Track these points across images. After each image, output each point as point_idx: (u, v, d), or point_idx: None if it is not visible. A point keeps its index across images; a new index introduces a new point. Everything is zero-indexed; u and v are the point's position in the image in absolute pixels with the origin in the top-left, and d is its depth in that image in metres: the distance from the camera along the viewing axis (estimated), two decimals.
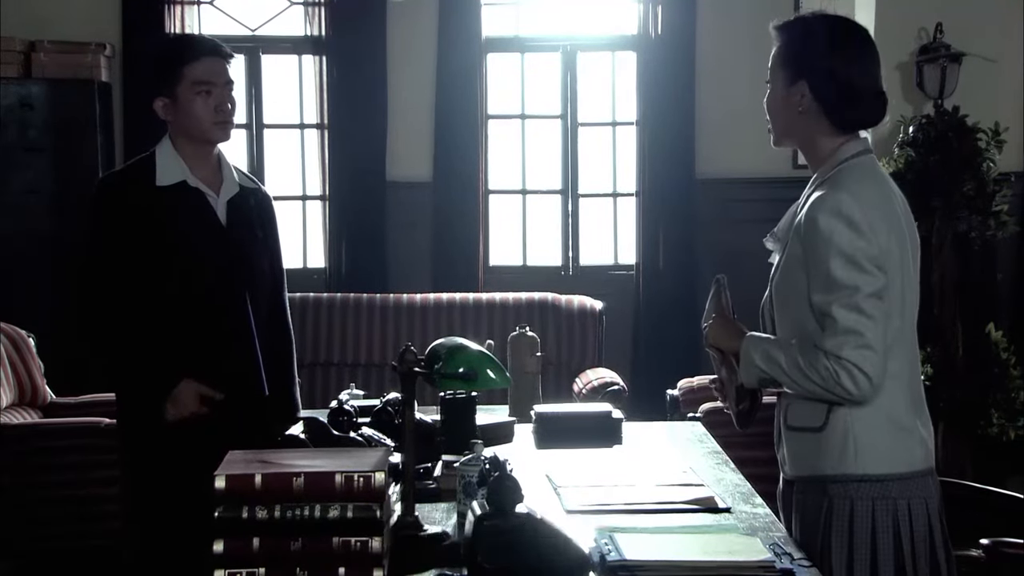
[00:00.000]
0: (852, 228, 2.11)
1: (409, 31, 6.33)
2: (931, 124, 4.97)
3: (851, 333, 2.10)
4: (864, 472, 2.19)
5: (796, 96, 2.22)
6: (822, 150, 2.25)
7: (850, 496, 2.20)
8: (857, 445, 2.18)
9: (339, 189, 6.32)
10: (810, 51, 2.22)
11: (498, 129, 6.57)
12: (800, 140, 2.29)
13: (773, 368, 2.21)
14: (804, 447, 2.26)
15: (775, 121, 2.30)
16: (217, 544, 1.86)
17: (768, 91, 2.30)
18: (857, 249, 2.11)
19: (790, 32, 2.26)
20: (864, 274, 2.12)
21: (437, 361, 2.30)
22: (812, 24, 2.27)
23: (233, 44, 6.31)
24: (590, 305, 5.80)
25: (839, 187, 2.16)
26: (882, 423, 2.19)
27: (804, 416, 2.24)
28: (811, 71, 2.21)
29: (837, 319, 2.11)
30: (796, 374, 2.17)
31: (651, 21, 6.31)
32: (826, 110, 2.22)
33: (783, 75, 2.24)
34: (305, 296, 5.94)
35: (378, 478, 1.92)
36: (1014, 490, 3.50)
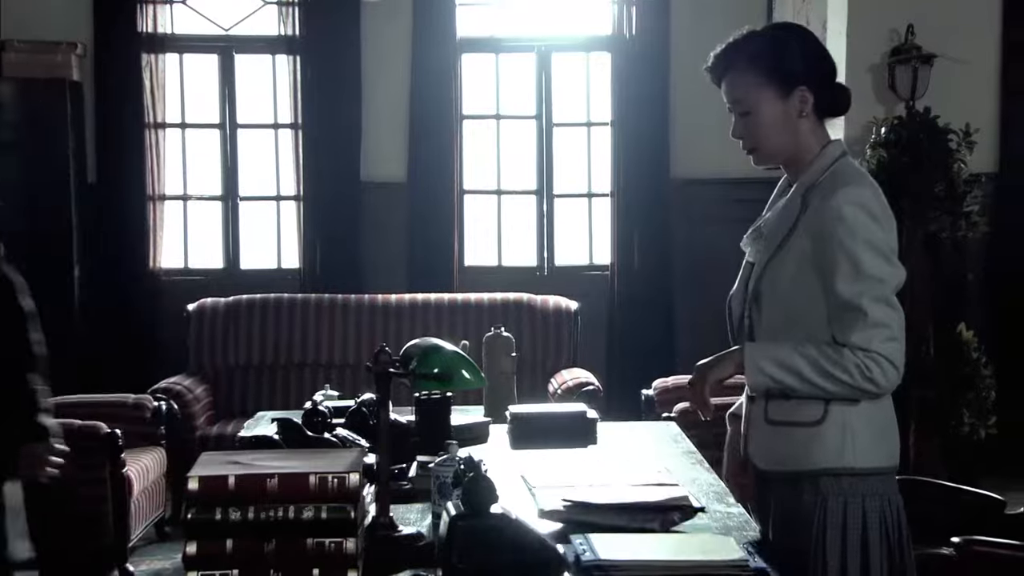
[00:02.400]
0: (876, 221, 2.14)
1: (383, 31, 6.32)
2: (903, 125, 5.00)
3: (880, 326, 2.11)
4: (862, 466, 2.19)
5: (796, 104, 2.22)
6: (807, 154, 2.25)
7: (843, 490, 2.19)
8: (855, 439, 2.17)
9: (313, 189, 6.30)
10: (795, 57, 2.22)
11: (473, 129, 6.58)
12: (790, 150, 2.27)
13: (787, 374, 2.17)
14: (794, 442, 2.21)
15: (769, 141, 2.26)
16: (190, 546, 1.85)
17: (740, 122, 2.26)
18: (883, 242, 2.14)
19: (759, 50, 2.22)
20: (891, 266, 2.15)
21: (412, 361, 2.30)
22: (776, 39, 2.26)
23: (206, 44, 6.45)
24: (565, 305, 5.81)
25: (853, 183, 2.17)
26: (875, 417, 2.20)
27: (795, 411, 2.20)
28: (808, 74, 2.22)
29: (868, 312, 2.11)
30: (818, 377, 2.14)
31: (625, 22, 6.33)
32: (820, 105, 2.24)
33: (772, 92, 2.22)
34: (279, 297, 5.93)
35: (352, 479, 1.91)
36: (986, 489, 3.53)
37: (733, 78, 2.25)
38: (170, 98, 6.41)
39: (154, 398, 5.12)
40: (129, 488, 4.52)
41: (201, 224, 6.57)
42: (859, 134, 5.21)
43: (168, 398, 5.22)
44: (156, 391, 5.30)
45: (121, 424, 4.60)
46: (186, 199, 6.53)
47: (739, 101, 2.25)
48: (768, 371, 2.18)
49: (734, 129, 2.29)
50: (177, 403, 5.27)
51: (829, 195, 2.15)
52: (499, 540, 1.94)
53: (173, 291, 6.24)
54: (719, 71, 2.27)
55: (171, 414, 5.16)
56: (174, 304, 6.03)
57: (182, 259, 6.52)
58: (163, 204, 6.35)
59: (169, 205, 6.43)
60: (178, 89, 6.49)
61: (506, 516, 1.99)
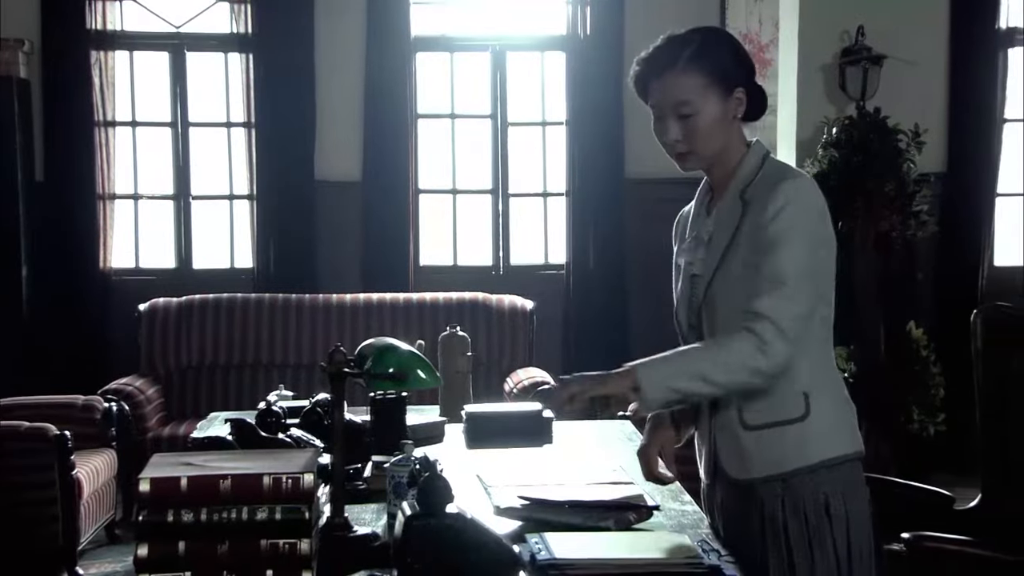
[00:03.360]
0: (816, 213, 2.14)
1: (337, 29, 6.29)
2: (853, 125, 5.05)
3: (792, 303, 2.10)
4: (856, 450, 2.20)
5: (734, 106, 2.20)
6: (733, 155, 2.23)
7: (843, 477, 2.17)
8: (835, 428, 2.19)
9: (267, 188, 6.26)
10: (737, 58, 2.22)
11: (428, 128, 6.56)
12: (723, 153, 2.23)
13: (694, 382, 2.11)
14: (783, 441, 2.16)
15: (707, 144, 2.20)
16: (141, 548, 1.83)
17: (677, 123, 2.19)
18: (821, 235, 2.15)
19: (701, 51, 2.17)
20: (821, 259, 2.15)
21: (367, 361, 2.29)
22: (718, 39, 2.24)
23: (157, 41, 6.39)
24: (521, 305, 5.81)
25: (791, 176, 2.16)
26: (842, 403, 2.22)
27: (772, 410, 2.16)
28: (745, 74, 2.22)
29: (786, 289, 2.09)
30: (718, 373, 2.10)
31: (580, 21, 6.35)
32: (753, 105, 2.23)
33: (716, 97, 2.18)
34: (232, 297, 5.89)
35: (307, 479, 1.90)
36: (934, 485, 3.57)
37: (673, 81, 2.17)
38: (120, 96, 6.34)
39: (104, 399, 5.07)
40: (79, 490, 4.47)
41: (152, 223, 6.50)
42: (810, 134, 5.26)
43: (119, 399, 5.18)
44: (107, 392, 5.26)
45: (71, 426, 4.56)
46: (137, 198, 6.47)
47: (682, 103, 2.17)
48: (665, 379, 2.11)
49: (667, 132, 2.20)
50: (128, 404, 5.23)
51: (770, 189, 2.13)
52: (454, 540, 1.93)
53: (124, 291, 6.18)
54: (649, 76, 2.20)
55: (122, 415, 5.11)
56: (125, 304, 5.97)
57: (133, 259, 6.46)
58: (113, 203, 6.29)
59: (119, 204, 6.36)
60: (128, 87, 6.42)
61: (461, 515, 1.98)
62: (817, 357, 2.18)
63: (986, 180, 6.19)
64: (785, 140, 5.51)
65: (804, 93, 5.33)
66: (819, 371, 2.18)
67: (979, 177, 6.14)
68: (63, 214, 6.14)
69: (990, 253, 6.30)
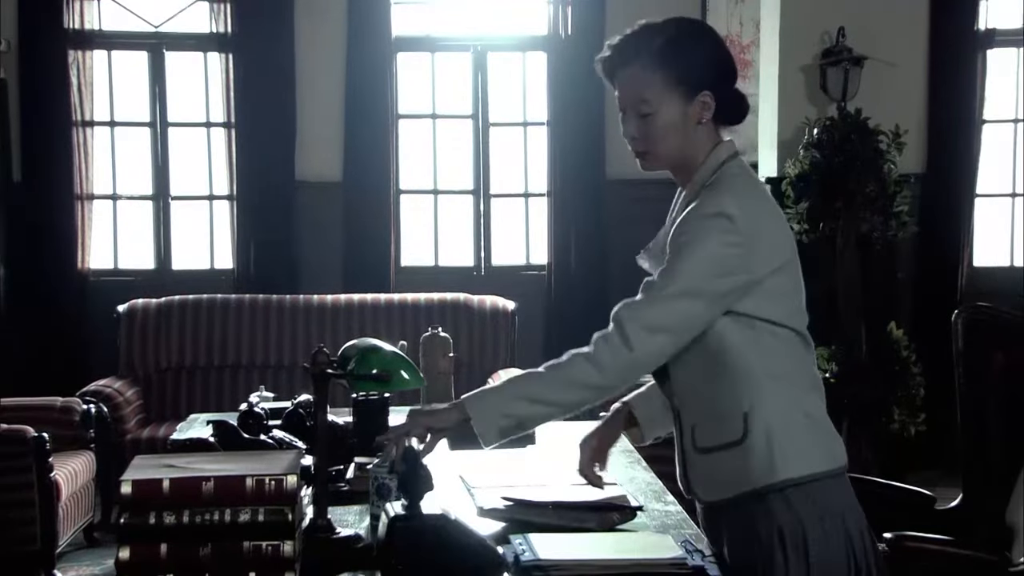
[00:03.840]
0: (731, 234, 1.99)
1: (318, 29, 6.28)
2: (835, 126, 5.06)
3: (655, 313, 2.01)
4: (800, 474, 2.02)
5: (698, 109, 2.07)
6: (698, 158, 2.10)
7: (794, 506, 2.02)
8: (783, 447, 2.02)
9: (247, 189, 6.23)
10: (707, 61, 2.08)
11: (409, 129, 6.55)
12: (683, 156, 2.11)
13: (528, 406, 2.03)
14: (726, 465, 2.06)
15: (664, 146, 2.09)
16: (123, 551, 1.82)
17: (636, 122, 2.08)
18: (726, 256, 2.00)
19: (667, 49, 2.06)
20: (717, 281, 2.00)
21: (350, 362, 2.27)
22: (686, 38, 2.09)
23: (135, 40, 6.35)
24: (502, 305, 5.80)
25: (727, 190, 2.04)
26: (796, 419, 2.05)
27: (718, 433, 2.06)
28: (714, 79, 2.08)
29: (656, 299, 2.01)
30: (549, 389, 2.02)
31: (561, 22, 6.35)
32: (721, 113, 2.10)
33: (676, 99, 2.06)
34: (212, 298, 5.85)
35: (290, 481, 1.89)
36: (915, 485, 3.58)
37: (636, 75, 2.07)
38: (98, 96, 6.31)
39: (83, 401, 5.03)
40: (57, 493, 4.43)
41: (131, 224, 6.47)
42: (792, 135, 5.27)
43: (97, 401, 5.13)
44: (85, 394, 5.21)
45: (49, 428, 4.52)
46: (115, 198, 6.43)
47: (641, 100, 2.07)
48: (498, 406, 2.04)
49: (627, 129, 2.11)
50: (107, 406, 5.18)
51: (707, 198, 2.04)
52: (438, 541, 1.93)
53: (102, 292, 6.14)
54: (616, 64, 2.10)
55: (100, 417, 5.06)
56: (103, 305, 5.92)
57: (112, 259, 6.42)
58: (91, 203, 6.25)
59: (98, 204, 6.33)
60: (107, 87, 6.38)
61: (445, 517, 1.98)
62: (767, 375, 2.04)
63: (965, 181, 6.23)
64: (766, 141, 5.52)
65: (785, 94, 5.35)
66: (769, 388, 2.04)
67: (958, 178, 6.17)
68: (41, 214, 6.10)
69: (969, 253, 6.35)
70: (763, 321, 2.04)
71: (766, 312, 2.05)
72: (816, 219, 4.96)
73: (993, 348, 3.37)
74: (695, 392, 2.08)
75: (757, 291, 2.03)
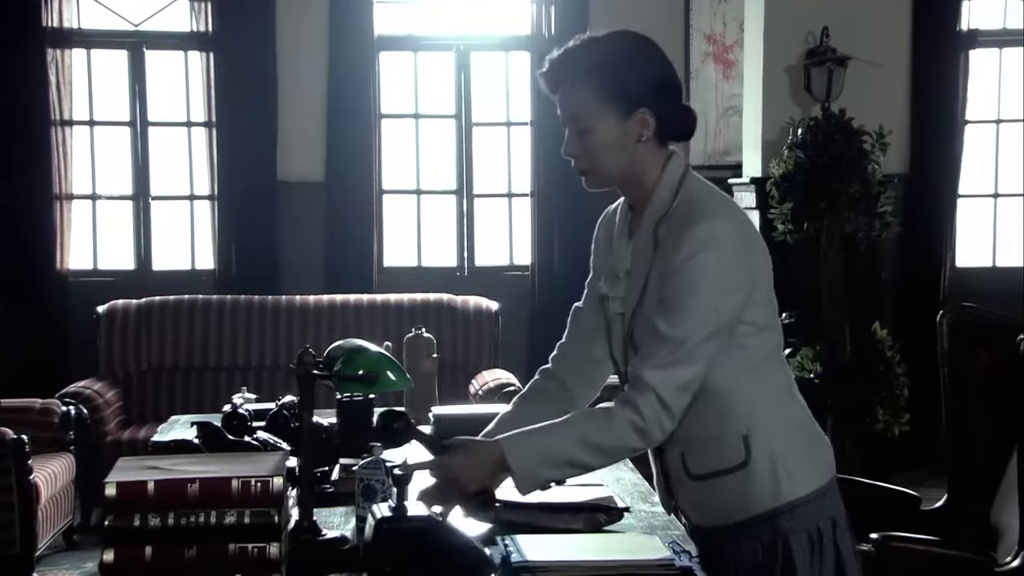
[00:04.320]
0: (729, 259, 1.97)
1: (299, 28, 6.25)
2: (819, 126, 5.07)
3: (679, 369, 1.97)
4: (804, 493, 2.02)
5: (636, 127, 2.02)
6: (650, 176, 2.06)
7: (799, 525, 2.01)
8: (788, 469, 2.00)
9: (228, 189, 6.19)
10: (644, 78, 2.02)
11: (392, 128, 6.52)
12: (629, 174, 2.06)
13: (562, 469, 1.99)
14: (726, 491, 2.03)
15: (604, 165, 2.04)
16: (107, 553, 1.80)
17: (575, 139, 2.05)
18: (732, 282, 1.99)
19: (600, 65, 2.00)
20: (730, 300, 1.98)
21: (336, 363, 2.26)
22: (620, 56, 2.02)
23: (115, 39, 6.30)
24: (486, 306, 5.79)
25: (705, 217, 1.98)
26: (798, 437, 2.05)
27: (715, 458, 2.03)
28: (652, 95, 2.02)
29: (678, 352, 1.97)
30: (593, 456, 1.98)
31: (544, 21, 6.34)
32: (664, 129, 2.04)
33: (612, 117, 2.01)
34: (193, 298, 5.82)
35: (276, 483, 1.88)
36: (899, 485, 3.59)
37: (571, 91, 2.03)
38: (77, 95, 6.25)
39: (62, 403, 5.00)
40: (36, 496, 4.40)
41: (111, 224, 6.42)
42: (776, 135, 5.28)
43: (77, 403, 5.11)
44: (64, 395, 5.17)
45: (28, 430, 4.49)
46: (95, 198, 6.39)
47: (576, 117, 2.04)
48: (543, 474, 1.99)
49: (567, 146, 2.07)
50: (87, 408, 5.16)
51: (681, 231, 1.97)
52: (426, 542, 1.92)
53: (82, 292, 6.09)
54: (554, 80, 2.05)
55: (80, 419, 5.04)
56: (83, 306, 5.88)
57: (91, 260, 6.37)
58: (71, 203, 6.20)
59: (77, 204, 6.27)
60: (86, 85, 6.33)
61: (432, 518, 1.97)
62: (758, 390, 2.03)
63: (948, 181, 6.26)
64: (751, 141, 5.53)
65: (769, 94, 5.35)
66: (763, 405, 2.02)
67: (941, 178, 6.20)
68: (19, 214, 6.04)
69: (952, 254, 6.37)
70: (751, 327, 2.02)
71: (758, 317, 2.04)
72: (800, 219, 4.97)
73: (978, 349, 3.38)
74: (682, 419, 2.01)
75: (752, 299, 2.02)
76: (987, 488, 3.34)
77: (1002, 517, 3.27)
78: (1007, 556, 3.13)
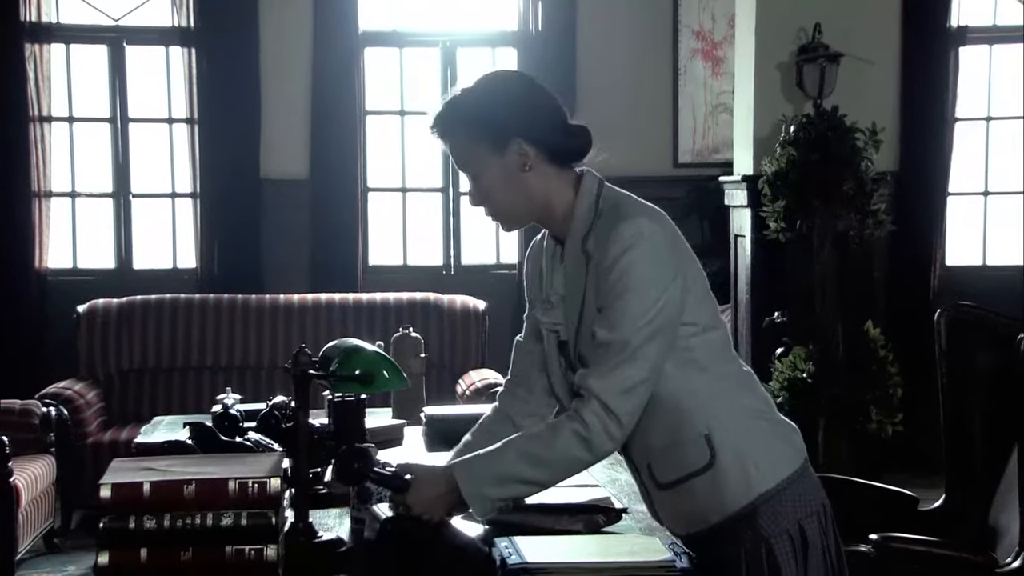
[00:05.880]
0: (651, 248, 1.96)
1: (282, 23, 6.21)
2: (811, 124, 5.05)
3: (625, 372, 1.95)
4: (774, 484, 2.00)
5: (514, 159, 2.01)
6: (561, 202, 2.05)
7: (775, 519, 2.00)
8: (757, 462, 1.99)
9: (211, 186, 6.15)
10: (506, 109, 2.02)
11: (377, 125, 6.49)
12: (540, 207, 2.05)
13: (511, 487, 1.98)
14: (697, 494, 2.01)
15: (503, 204, 2.05)
16: (102, 556, 1.79)
17: (473, 188, 2.06)
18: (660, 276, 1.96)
19: (465, 106, 2.03)
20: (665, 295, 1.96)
21: (332, 363, 2.22)
22: (478, 92, 2.05)
23: (94, 34, 6.23)
24: (473, 305, 5.75)
25: (627, 217, 1.98)
26: (761, 427, 2.03)
27: (680, 464, 2.01)
28: (519, 124, 2.01)
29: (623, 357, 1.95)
30: (539, 471, 1.98)
31: (531, 17, 6.31)
32: (549, 154, 2.03)
33: (487, 154, 2.01)
34: (175, 297, 5.77)
35: (273, 484, 1.88)
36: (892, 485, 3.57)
37: (452, 141, 2.05)
38: (56, 90, 6.20)
39: (42, 404, 4.94)
40: (17, 498, 4.34)
41: (91, 222, 6.37)
42: (768, 132, 5.25)
43: (57, 404, 5.05)
44: (44, 396, 5.11)
45: (7, 431, 4.44)
46: (74, 196, 6.33)
47: (463, 165, 2.06)
48: (491, 494, 1.98)
49: (470, 197, 2.10)
50: (67, 409, 5.09)
51: (607, 235, 1.97)
52: (432, 543, 1.91)
53: (61, 292, 6.03)
54: (440, 135, 2.07)
55: (61, 420, 4.98)
56: (62, 305, 5.81)
57: (71, 258, 6.32)
58: (50, 201, 6.14)
59: (56, 202, 6.22)
60: (65, 81, 6.27)
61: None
62: (712, 389, 2.01)
63: (938, 179, 6.26)
64: (742, 138, 5.50)
65: (761, 91, 5.32)
66: (720, 403, 2.01)
67: (931, 176, 6.21)
68: None
69: (942, 253, 6.37)
70: (694, 328, 2.00)
71: (700, 317, 2.02)
72: (793, 218, 4.94)
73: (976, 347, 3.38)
74: (641, 429, 2.00)
75: (688, 298, 2.00)
76: (986, 488, 3.33)
77: (1001, 517, 3.26)
78: (1007, 557, 3.12)
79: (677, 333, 1.98)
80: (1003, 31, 6.42)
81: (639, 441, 2.02)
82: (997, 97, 6.54)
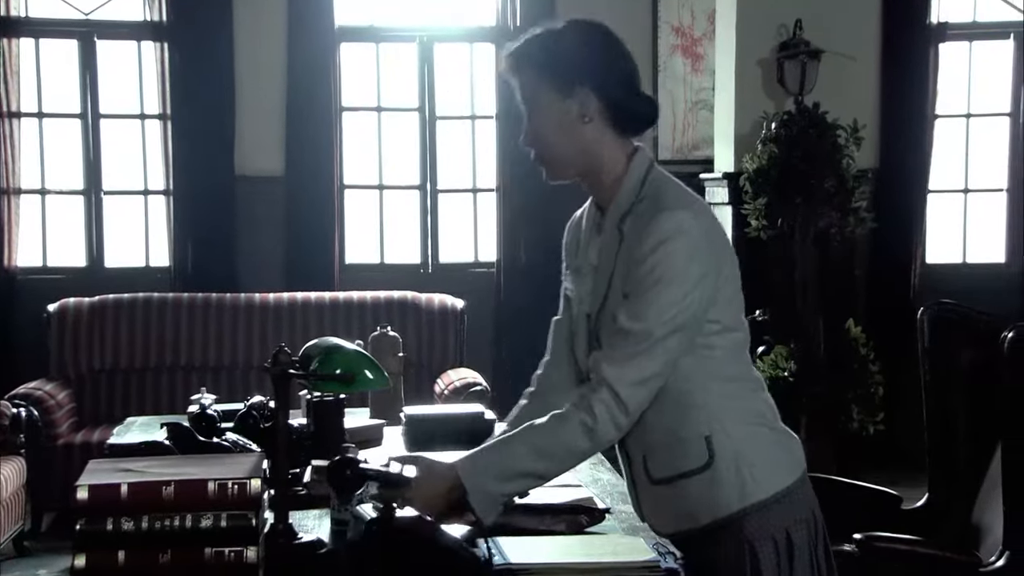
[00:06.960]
0: (690, 244, 1.93)
1: (257, 17, 6.16)
2: (792, 120, 5.05)
3: (637, 364, 1.94)
4: (771, 493, 1.98)
5: (576, 107, 2.00)
6: (611, 169, 2.03)
7: (767, 527, 1.98)
8: (752, 469, 1.97)
9: (184, 183, 6.08)
10: (582, 54, 2.00)
11: (353, 122, 6.44)
12: (584, 163, 2.04)
13: (517, 482, 1.96)
14: (688, 494, 1.99)
15: (551, 147, 2.03)
16: (79, 558, 1.77)
17: (528, 126, 2.05)
18: (695, 275, 1.94)
19: (539, 43, 2.02)
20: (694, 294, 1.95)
21: (312, 362, 2.19)
22: (560, 33, 2.03)
23: (64, 28, 6.14)
24: (451, 304, 5.70)
25: (667, 207, 1.95)
26: (762, 434, 2.01)
27: (677, 461, 1.99)
28: (591, 73, 2.00)
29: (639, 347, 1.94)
30: (545, 463, 1.95)
31: (509, 12, 6.28)
32: (613, 113, 2.01)
33: (552, 94, 2.00)
34: (148, 296, 5.71)
35: (254, 485, 1.85)
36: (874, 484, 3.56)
37: (521, 75, 2.04)
38: (25, 86, 6.10)
39: (12, 404, 4.87)
40: None
41: (61, 219, 6.28)
42: (749, 129, 5.24)
43: (27, 404, 4.98)
44: (14, 397, 5.03)
45: None
46: (44, 193, 6.24)
47: (525, 100, 2.05)
48: (495, 490, 1.94)
49: (523, 134, 2.07)
50: (37, 409, 5.02)
51: (646, 222, 1.95)
52: (419, 544, 1.89)
53: (31, 291, 5.95)
54: (509, 68, 2.06)
55: (31, 421, 4.92)
56: (32, 304, 5.74)
57: (40, 257, 6.23)
58: (19, 198, 6.05)
59: (25, 199, 6.12)
60: (34, 76, 6.18)
61: (422, 519, 1.94)
62: (721, 391, 1.99)
63: (918, 177, 6.26)
64: (723, 135, 5.50)
65: (742, 87, 5.32)
66: (726, 405, 1.99)
67: (911, 174, 6.20)
68: None
69: (922, 251, 6.37)
70: (717, 326, 1.98)
71: (724, 316, 2.00)
72: (774, 215, 4.93)
73: (959, 345, 3.38)
74: (642, 421, 1.98)
75: (718, 296, 1.98)
76: (969, 487, 3.33)
77: (984, 516, 3.27)
78: (990, 555, 3.13)
79: (700, 330, 1.96)
80: (983, 27, 6.45)
81: (638, 433, 2.00)
82: (977, 94, 6.55)
